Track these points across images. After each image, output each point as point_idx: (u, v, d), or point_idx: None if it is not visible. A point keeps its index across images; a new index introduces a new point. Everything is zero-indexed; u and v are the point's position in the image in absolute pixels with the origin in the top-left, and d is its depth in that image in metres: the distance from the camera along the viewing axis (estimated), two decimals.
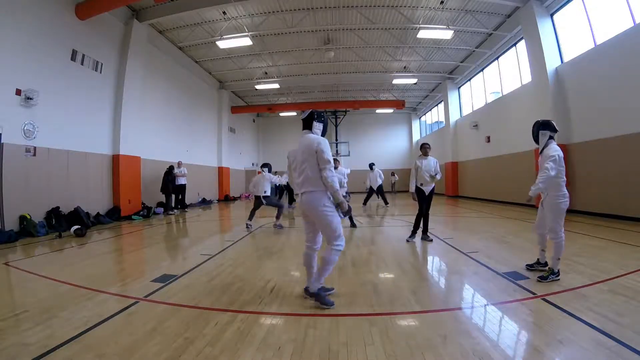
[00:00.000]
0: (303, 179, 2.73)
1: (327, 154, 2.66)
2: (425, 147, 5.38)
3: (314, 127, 2.86)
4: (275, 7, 10.10)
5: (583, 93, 8.33)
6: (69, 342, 2.12)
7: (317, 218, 2.72)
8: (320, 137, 2.79)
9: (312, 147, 2.68)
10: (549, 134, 3.37)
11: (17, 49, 6.44)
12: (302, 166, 2.74)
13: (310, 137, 2.77)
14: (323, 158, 2.64)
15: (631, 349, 1.91)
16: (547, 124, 3.40)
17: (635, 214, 6.81)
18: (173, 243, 6.15)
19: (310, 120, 2.86)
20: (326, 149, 2.68)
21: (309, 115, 2.88)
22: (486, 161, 13.60)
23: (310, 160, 2.69)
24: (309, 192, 2.70)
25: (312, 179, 2.69)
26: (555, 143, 3.36)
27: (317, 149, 2.66)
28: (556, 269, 3.18)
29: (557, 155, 3.21)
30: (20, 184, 6.49)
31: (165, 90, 12.11)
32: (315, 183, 2.68)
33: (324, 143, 2.71)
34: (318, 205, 2.67)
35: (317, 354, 1.98)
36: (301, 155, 2.77)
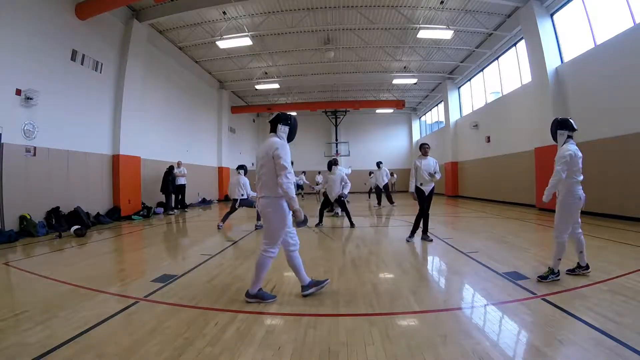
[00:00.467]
0: (262, 184, 2.72)
1: (284, 160, 2.60)
2: (425, 147, 5.38)
3: (279, 130, 2.79)
4: (275, 7, 10.10)
5: (583, 93, 8.33)
6: (69, 342, 2.12)
7: (266, 221, 2.75)
8: (280, 142, 2.71)
9: (270, 152, 2.64)
10: (567, 134, 3.24)
11: (17, 49, 6.44)
12: (261, 170, 2.72)
13: (270, 141, 2.71)
14: (279, 164, 2.59)
15: (631, 349, 1.91)
16: (565, 123, 3.26)
17: (635, 214, 6.82)
18: (173, 243, 6.15)
19: (275, 122, 2.81)
20: (283, 154, 2.61)
21: (275, 117, 2.84)
22: (486, 161, 13.60)
23: (267, 165, 2.65)
24: (266, 197, 2.69)
25: (268, 184, 2.66)
26: (572, 143, 3.23)
27: (274, 154, 2.60)
28: (556, 269, 3.16)
29: (569, 155, 3.11)
30: (20, 184, 6.49)
31: (165, 90, 12.11)
32: (272, 188, 2.65)
33: (282, 148, 2.65)
34: (272, 211, 2.68)
35: (317, 354, 1.98)
36: (261, 159, 2.73)
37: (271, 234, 2.75)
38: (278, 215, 2.69)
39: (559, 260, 3.16)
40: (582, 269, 3.30)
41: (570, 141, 3.24)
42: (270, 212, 2.69)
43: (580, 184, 3.21)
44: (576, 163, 3.15)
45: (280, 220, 2.71)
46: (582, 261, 3.31)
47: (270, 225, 2.74)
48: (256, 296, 2.82)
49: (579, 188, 3.18)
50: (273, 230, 2.74)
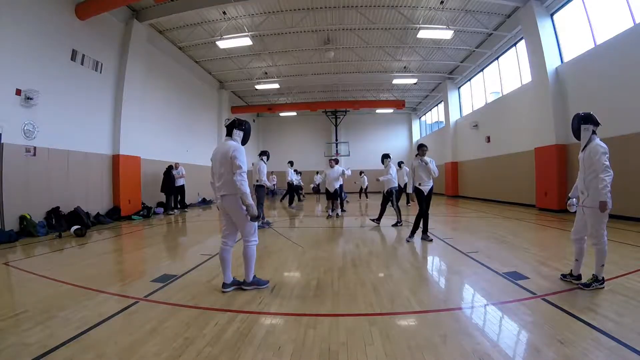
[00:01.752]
0: (222, 183, 2.99)
1: (239, 160, 2.87)
2: (423, 148, 5.40)
3: (234, 134, 3.07)
4: (275, 7, 10.09)
5: (583, 93, 8.33)
6: (69, 342, 2.12)
7: (236, 218, 3.03)
8: (237, 144, 3.00)
9: (228, 154, 2.91)
10: (592, 128, 3.01)
11: (17, 49, 6.44)
12: (221, 170, 2.98)
13: (227, 144, 3.00)
14: (235, 164, 2.87)
15: (631, 349, 1.91)
16: (589, 118, 3.03)
17: (635, 214, 6.82)
18: (173, 243, 6.15)
19: (231, 128, 3.09)
20: (239, 156, 2.90)
21: (230, 123, 3.12)
22: (486, 161, 13.60)
23: (226, 165, 2.93)
24: (228, 195, 2.97)
25: (229, 183, 2.94)
26: (599, 138, 3.00)
27: (232, 155, 2.89)
28: (600, 276, 2.92)
29: (605, 148, 2.88)
30: (20, 184, 6.49)
31: (165, 90, 12.11)
32: (233, 186, 2.91)
33: (239, 150, 2.93)
34: (234, 208, 2.97)
35: (317, 354, 1.98)
36: (219, 161, 3.00)
37: (245, 226, 3.05)
38: (242, 209, 2.96)
39: (602, 267, 2.91)
40: (573, 278, 3.14)
41: (596, 136, 3.01)
42: (236, 207, 2.97)
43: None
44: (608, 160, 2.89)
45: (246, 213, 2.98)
46: (575, 270, 3.16)
47: (240, 219, 3.02)
48: (252, 283, 3.13)
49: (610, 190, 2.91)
50: (245, 223, 3.02)
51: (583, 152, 3.04)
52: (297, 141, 23.78)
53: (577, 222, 3.16)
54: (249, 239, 3.08)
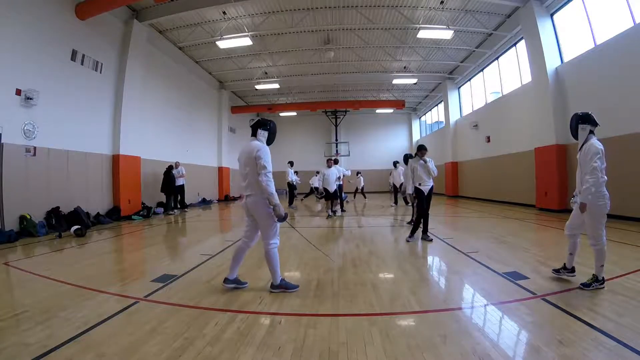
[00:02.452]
0: (247, 183, 2.98)
1: (264, 160, 2.85)
2: (423, 150, 5.44)
3: (259, 134, 3.06)
4: (275, 7, 10.10)
5: (583, 93, 8.33)
6: (69, 342, 2.12)
7: (259, 219, 2.99)
8: (261, 144, 2.98)
9: (252, 154, 2.90)
10: (590, 128, 3.02)
11: (17, 49, 6.44)
12: (245, 171, 2.98)
13: (252, 144, 2.98)
14: (260, 164, 2.85)
15: (631, 349, 1.91)
16: (588, 117, 3.04)
17: (635, 214, 6.82)
18: (173, 243, 6.15)
19: (255, 127, 3.08)
20: (264, 156, 2.87)
21: (255, 123, 3.11)
22: (486, 161, 13.60)
23: (251, 166, 2.91)
24: (253, 195, 2.95)
25: (254, 184, 2.92)
26: (596, 138, 3.00)
27: (256, 155, 2.87)
28: (600, 277, 2.92)
29: (601, 150, 2.89)
30: (20, 184, 6.49)
31: (165, 90, 12.11)
32: (257, 187, 2.90)
33: (263, 149, 2.91)
34: (261, 208, 2.93)
35: (317, 354, 1.98)
36: (244, 161, 3.00)
37: (267, 228, 2.99)
38: (267, 210, 2.93)
39: (602, 267, 2.91)
40: (567, 272, 3.24)
41: (593, 136, 3.01)
42: (260, 208, 2.94)
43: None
44: (604, 160, 2.90)
45: (270, 214, 2.94)
46: (568, 264, 3.25)
47: (264, 221, 2.98)
48: (280, 286, 3.06)
49: (605, 187, 2.93)
50: (268, 224, 2.98)
51: (580, 152, 3.05)
52: (297, 141, 23.78)
53: (571, 218, 3.21)
54: (269, 242, 2.99)
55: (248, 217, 3.11)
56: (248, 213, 3.06)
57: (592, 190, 2.84)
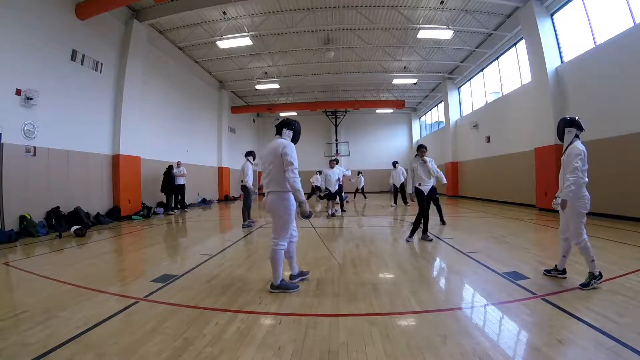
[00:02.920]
0: (269, 180, 3.00)
1: (291, 157, 2.89)
2: (422, 149, 5.46)
3: (284, 133, 3.14)
4: (275, 7, 10.10)
5: (583, 93, 8.33)
6: (69, 342, 2.12)
7: (276, 215, 3.02)
8: (287, 142, 3.04)
9: (277, 151, 2.94)
10: (575, 132, 3.18)
11: (17, 49, 6.44)
12: (269, 168, 3.00)
13: (277, 142, 3.03)
14: (286, 160, 2.88)
15: (631, 349, 1.91)
16: (574, 122, 3.19)
17: (635, 214, 6.81)
18: (173, 243, 6.15)
19: (280, 127, 3.15)
20: (290, 152, 2.91)
21: (280, 122, 3.19)
22: (486, 161, 13.60)
23: (275, 162, 2.95)
24: (274, 191, 2.98)
25: (277, 180, 2.95)
26: (580, 142, 3.15)
27: (282, 152, 2.91)
28: (596, 272, 2.95)
29: (583, 152, 3.02)
30: (20, 184, 6.49)
31: (165, 90, 12.11)
32: (280, 183, 2.94)
33: (289, 147, 2.97)
34: (280, 204, 2.97)
35: (317, 354, 1.98)
36: (269, 158, 3.01)
37: (280, 227, 3.02)
38: (285, 208, 2.97)
39: (593, 262, 2.96)
40: (558, 273, 3.28)
41: (578, 140, 3.15)
42: (279, 205, 2.96)
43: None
44: (586, 162, 3.05)
45: (288, 213, 2.99)
46: (560, 265, 3.30)
47: (279, 219, 3.01)
48: (280, 287, 3.06)
49: (585, 189, 3.08)
50: (282, 223, 3.01)
51: (564, 154, 3.20)
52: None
53: (561, 223, 3.32)
54: (278, 241, 3.01)
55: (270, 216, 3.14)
56: (267, 210, 3.08)
57: (572, 188, 2.98)
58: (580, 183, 3.01)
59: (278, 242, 3.01)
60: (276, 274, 3.05)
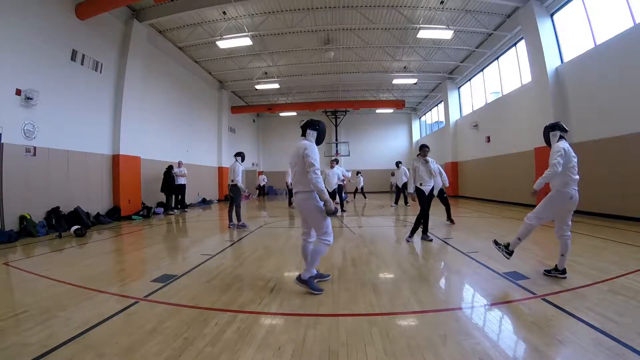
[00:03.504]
0: (295, 180, 3.11)
1: (312, 158, 2.95)
2: (425, 149, 5.45)
3: (308, 134, 3.20)
4: (275, 7, 10.10)
5: (583, 93, 8.33)
6: (69, 342, 2.12)
7: (307, 215, 3.10)
8: (309, 143, 3.09)
9: (300, 152, 3.02)
10: (559, 134, 3.35)
11: (17, 48, 6.45)
12: (295, 169, 3.10)
13: (300, 143, 3.11)
14: (307, 161, 2.95)
15: (631, 349, 1.91)
16: (555, 125, 3.39)
17: (635, 214, 6.81)
18: (173, 243, 6.15)
19: (305, 127, 3.22)
20: (311, 153, 2.97)
21: (304, 123, 3.24)
22: (486, 161, 13.60)
23: (299, 163, 3.03)
24: (300, 192, 3.07)
25: (301, 180, 3.04)
26: (565, 141, 3.30)
27: (304, 154, 2.98)
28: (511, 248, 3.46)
29: (562, 149, 3.17)
30: (20, 184, 6.49)
31: (165, 90, 12.11)
32: (305, 184, 3.01)
33: (311, 148, 3.02)
34: (309, 203, 3.02)
35: (317, 354, 1.98)
36: (293, 159, 3.13)
37: (318, 225, 3.06)
38: (315, 207, 3.02)
39: (518, 241, 3.42)
40: (559, 273, 3.28)
41: (562, 140, 3.32)
42: (308, 204, 3.03)
43: (576, 185, 3.23)
44: (569, 159, 3.19)
45: (318, 210, 3.02)
46: (560, 264, 3.29)
47: (312, 217, 3.07)
48: (306, 282, 3.05)
49: (572, 188, 3.20)
50: (318, 219, 3.05)
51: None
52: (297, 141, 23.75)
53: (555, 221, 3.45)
54: (323, 237, 3.03)
55: (301, 215, 3.22)
56: (299, 210, 3.16)
57: (544, 181, 3.23)
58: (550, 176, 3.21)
59: (324, 237, 3.04)
60: (310, 268, 3.08)
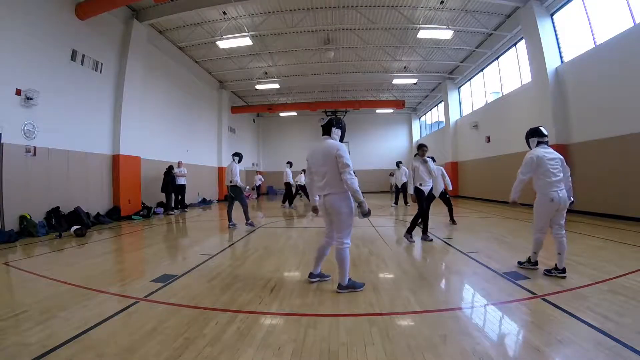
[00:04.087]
0: (325, 182, 2.98)
1: (346, 159, 2.88)
2: (423, 148, 5.47)
3: (333, 132, 3.12)
4: (275, 7, 10.10)
5: (583, 93, 8.33)
6: (69, 342, 2.12)
7: (338, 216, 2.98)
8: (339, 143, 3.02)
9: (332, 153, 2.92)
10: (537, 140, 3.51)
11: (17, 48, 6.44)
12: (324, 170, 2.98)
13: (329, 143, 3.01)
14: (342, 162, 2.87)
15: (631, 349, 1.91)
16: (534, 131, 3.55)
17: (635, 214, 6.81)
18: (173, 243, 6.15)
19: (329, 126, 3.13)
20: (345, 154, 2.91)
21: (328, 121, 3.15)
22: (486, 161, 13.60)
23: (330, 164, 2.93)
24: (331, 194, 2.96)
25: (333, 182, 2.94)
26: (541, 147, 3.45)
27: (337, 154, 2.89)
28: (533, 260, 3.56)
29: (530, 159, 3.35)
30: (20, 184, 6.48)
31: (165, 91, 12.11)
32: (337, 185, 2.93)
33: (343, 148, 2.95)
34: (343, 204, 2.95)
35: (317, 354, 1.98)
36: (322, 159, 2.99)
37: (344, 226, 3.01)
38: (348, 208, 2.97)
39: (535, 254, 3.53)
40: (558, 272, 3.30)
41: (540, 146, 3.47)
42: (340, 206, 2.95)
43: (557, 185, 3.31)
44: (542, 165, 3.32)
45: (350, 212, 2.99)
46: (559, 264, 3.32)
47: (342, 218, 2.98)
48: (348, 286, 3.05)
49: (551, 190, 3.31)
50: (344, 222, 2.99)
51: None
52: (297, 141, 23.78)
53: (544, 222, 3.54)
54: (344, 240, 3.00)
55: (327, 217, 3.12)
56: (326, 212, 3.07)
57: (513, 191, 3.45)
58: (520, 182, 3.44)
59: (344, 240, 3.00)
60: (345, 274, 3.03)
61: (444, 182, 7.04)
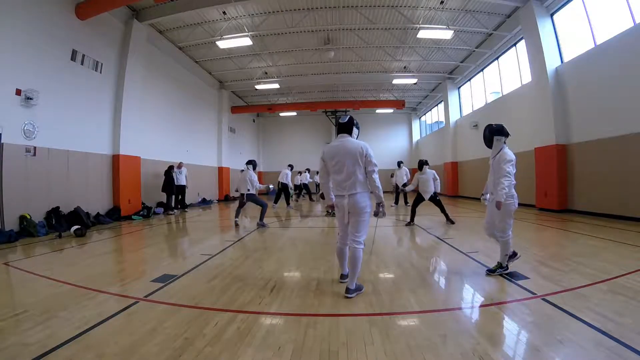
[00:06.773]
0: (352, 182, 2.93)
1: (374, 158, 2.96)
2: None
3: (354, 132, 3.10)
4: (275, 7, 10.10)
5: (583, 93, 8.33)
6: (69, 342, 2.12)
7: (360, 215, 2.94)
8: (365, 143, 3.01)
9: (359, 152, 2.92)
10: (504, 140, 3.52)
11: (17, 48, 6.44)
12: (351, 169, 2.94)
13: (355, 142, 2.99)
14: (371, 162, 2.93)
15: (631, 349, 1.91)
16: (501, 130, 3.52)
17: (635, 214, 6.82)
18: (173, 243, 6.15)
19: (350, 125, 3.08)
20: (372, 154, 2.97)
21: (349, 120, 3.09)
22: (486, 161, 13.48)
23: (357, 164, 2.93)
24: (358, 193, 2.93)
25: (361, 182, 2.94)
26: (507, 147, 3.50)
27: (367, 154, 2.93)
28: (504, 264, 3.45)
29: (514, 158, 3.39)
30: (20, 184, 6.49)
31: (165, 91, 12.11)
32: (364, 185, 2.96)
33: (370, 148, 2.99)
34: (366, 205, 2.94)
35: (317, 354, 1.98)
36: (350, 159, 2.94)
37: (363, 225, 2.99)
38: (370, 208, 2.99)
39: (506, 256, 3.43)
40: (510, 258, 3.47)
41: (506, 146, 3.49)
42: (366, 205, 2.94)
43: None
44: (515, 167, 3.40)
45: (370, 212, 3.01)
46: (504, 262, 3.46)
47: (365, 218, 2.97)
48: (356, 290, 2.98)
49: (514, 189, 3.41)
50: (366, 221, 3.00)
51: (494, 159, 3.51)
52: (297, 141, 23.80)
53: (487, 217, 3.59)
54: (360, 240, 2.96)
55: (345, 217, 2.99)
56: (347, 211, 2.96)
57: (506, 191, 3.27)
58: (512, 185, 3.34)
59: (361, 240, 2.97)
60: (356, 276, 2.98)
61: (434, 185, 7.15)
